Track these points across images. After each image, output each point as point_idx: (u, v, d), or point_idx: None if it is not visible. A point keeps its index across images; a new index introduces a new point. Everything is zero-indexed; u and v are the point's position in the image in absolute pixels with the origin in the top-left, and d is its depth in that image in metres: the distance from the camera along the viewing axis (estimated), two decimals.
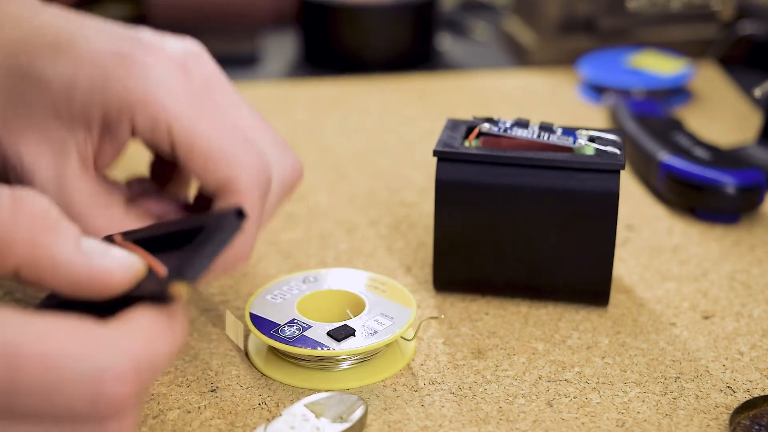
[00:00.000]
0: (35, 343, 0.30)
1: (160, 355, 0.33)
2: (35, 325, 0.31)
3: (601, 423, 0.43)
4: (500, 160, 0.49)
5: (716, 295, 0.53)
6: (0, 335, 0.30)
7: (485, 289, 0.52)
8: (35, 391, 0.30)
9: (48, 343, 0.30)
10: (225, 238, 0.37)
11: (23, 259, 0.33)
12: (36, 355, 0.30)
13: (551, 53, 0.87)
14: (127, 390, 0.31)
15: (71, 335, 0.31)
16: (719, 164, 0.60)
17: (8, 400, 0.30)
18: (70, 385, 0.31)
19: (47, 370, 0.30)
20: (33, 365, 0.30)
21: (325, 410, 0.41)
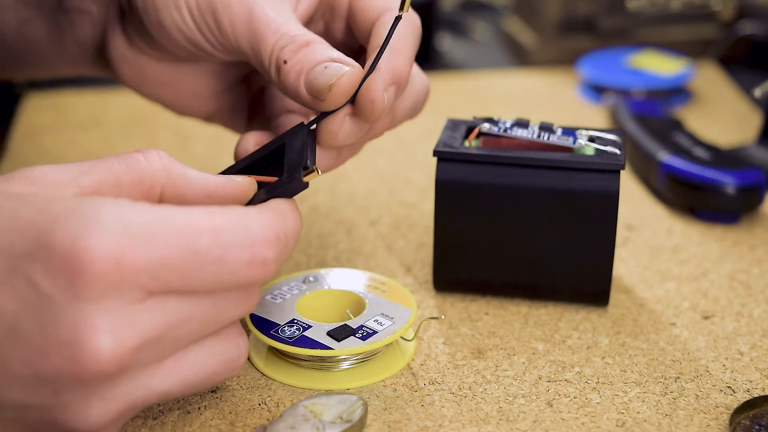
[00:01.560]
0: (205, 219, 0.36)
1: (291, 227, 0.39)
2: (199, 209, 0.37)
3: (601, 423, 0.43)
4: (500, 160, 0.49)
5: (716, 295, 0.53)
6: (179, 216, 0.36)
7: (485, 289, 0.52)
8: (210, 260, 0.36)
9: (214, 217, 0.36)
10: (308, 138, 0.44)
11: (165, 185, 0.40)
12: (208, 229, 0.36)
13: (551, 53, 0.87)
14: (272, 253, 0.37)
15: (228, 214, 0.37)
16: (719, 164, 0.60)
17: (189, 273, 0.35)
18: (234, 251, 0.36)
19: (217, 237, 0.36)
20: (206, 236, 0.36)
21: (325, 410, 0.41)
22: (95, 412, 0.35)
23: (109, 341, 0.34)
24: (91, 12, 0.51)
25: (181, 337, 0.37)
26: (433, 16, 0.90)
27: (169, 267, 0.35)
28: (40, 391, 0.34)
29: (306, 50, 0.44)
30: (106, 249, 0.34)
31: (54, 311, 0.33)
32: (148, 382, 0.36)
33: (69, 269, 0.33)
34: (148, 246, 0.34)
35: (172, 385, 0.37)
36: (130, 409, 0.36)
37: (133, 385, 0.36)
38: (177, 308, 0.36)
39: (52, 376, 0.34)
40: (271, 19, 0.45)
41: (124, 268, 0.34)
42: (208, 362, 0.38)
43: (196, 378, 0.38)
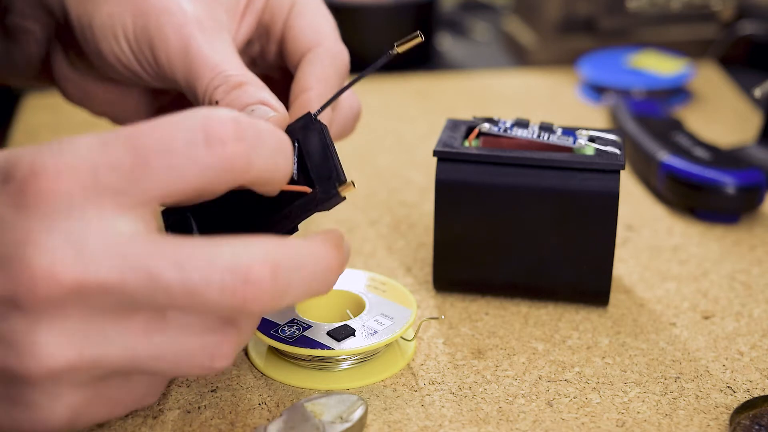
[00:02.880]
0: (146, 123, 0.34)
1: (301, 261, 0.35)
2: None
3: (601, 423, 0.43)
4: (500, 160, 0.49)
5: (716, 295, 0.53)
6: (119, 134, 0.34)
7: (485, 289, 0.52)
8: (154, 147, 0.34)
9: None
10: (328, 138, 0.41)
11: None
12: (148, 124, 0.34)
13: (551, 53, 0.87)
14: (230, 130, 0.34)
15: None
16: (719, 164, 0.60)
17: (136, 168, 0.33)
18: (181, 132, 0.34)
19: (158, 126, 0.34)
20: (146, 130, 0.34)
21: (325, 410, 0.41)
22: (44, 346, 0.33)
23: (45, 261, 0.32)
24: (33, 31, 0.51)
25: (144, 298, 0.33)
26: (433, 16, 0.90)
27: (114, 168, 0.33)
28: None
29: (238, 92, 0.44)
30: (48, 160, 0.33)
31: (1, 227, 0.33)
32: (109, 333, 0.34)
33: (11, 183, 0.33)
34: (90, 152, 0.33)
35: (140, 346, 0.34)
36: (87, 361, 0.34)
37: (89, 328, 0.33)
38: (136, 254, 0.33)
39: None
40: (207, 57, 0.45)
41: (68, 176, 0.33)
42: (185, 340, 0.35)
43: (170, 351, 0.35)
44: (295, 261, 0.35)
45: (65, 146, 0.34)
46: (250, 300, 0.34)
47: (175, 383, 0.45)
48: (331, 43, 0.48)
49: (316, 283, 0.37)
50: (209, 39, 0.46)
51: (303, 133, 0.42)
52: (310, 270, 0.36)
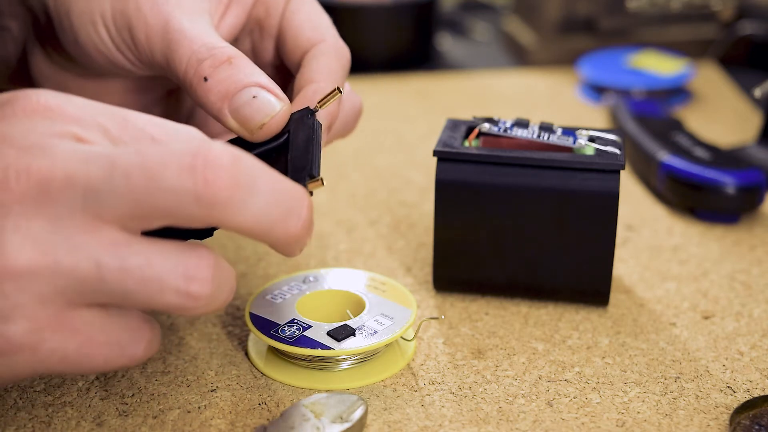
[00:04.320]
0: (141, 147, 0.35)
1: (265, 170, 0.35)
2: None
3: (601, 423, 0.43)
4: (500, 160, 0.49)
5: (716, 295, 0.53)
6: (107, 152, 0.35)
7: (485, 289, 0.52)
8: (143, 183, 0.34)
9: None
10: (316, 134, 0.41)
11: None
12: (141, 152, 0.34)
13: (551, 53, 0.87)
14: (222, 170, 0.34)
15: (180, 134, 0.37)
16: (719, 164, 0.60)
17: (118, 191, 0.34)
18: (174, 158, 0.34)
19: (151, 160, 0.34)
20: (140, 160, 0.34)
21: (325, 410, 0.41)
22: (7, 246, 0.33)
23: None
24: (10, 28, 0.50)
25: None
26: (433, 16, 0.90)
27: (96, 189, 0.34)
28: None
29: (229, 68, 0.42)
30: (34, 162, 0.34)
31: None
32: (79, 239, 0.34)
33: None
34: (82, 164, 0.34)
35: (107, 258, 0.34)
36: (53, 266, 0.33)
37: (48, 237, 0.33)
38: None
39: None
40: (186, 30, 0.43)
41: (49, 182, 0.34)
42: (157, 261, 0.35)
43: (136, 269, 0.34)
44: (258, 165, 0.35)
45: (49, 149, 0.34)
46: (210, 181, 0.33)
47: (174, 383, 0.45)
48: (333, 39, 0.48)
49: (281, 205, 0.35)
50: (189, 17, 0.44)
51: (296, 124, 0.42)
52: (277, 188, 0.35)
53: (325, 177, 0.66)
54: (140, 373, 0.46)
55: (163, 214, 0.34)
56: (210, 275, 0.35)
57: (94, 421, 0.43)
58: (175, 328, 0.49)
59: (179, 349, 0.48)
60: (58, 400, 0.44)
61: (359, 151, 0.71)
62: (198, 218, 0.34)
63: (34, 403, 0.44)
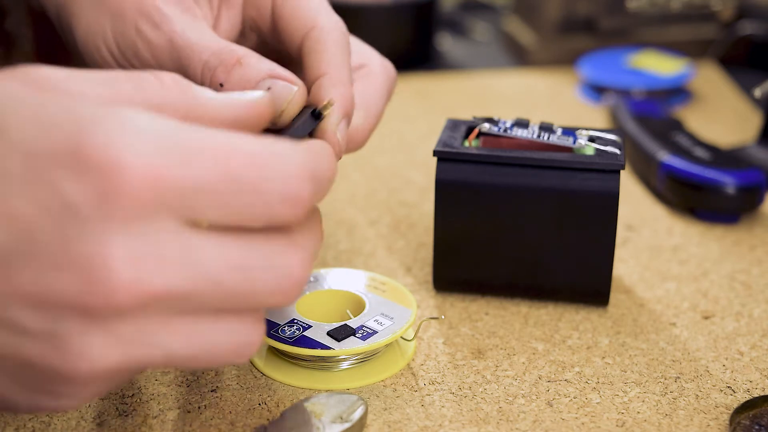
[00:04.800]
0: (246, 143, 0.33)
1: (326, 170, 0.36)
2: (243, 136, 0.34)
3: (601, 423, 0.43)
4: (500, 160, 0.49)
5: (716, 295, 0.53)
6: (212, 136, 0.33)
7: (485, 289, 0.52)
8: (246, 188, 0.33)
9: (252, 142, 0.33)
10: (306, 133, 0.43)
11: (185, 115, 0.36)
12: (246, 153, 0.33)
13: (551, 53, 0.87)
14: (306, 192, 0.34)
15: (265, 141, 0.34)
16: (719, 164, 0.60)
17: (225, 200, 0.33)
18: (270, 183, 0.33)
19: (254, 165, 0.33)
20: (244, 162, 0.33)
21: (325, 410, 0.41)
22: (94, 351, 0.32)
23: (130, 274, 0.31)
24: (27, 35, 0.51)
25: (204, 302, 0.33)
26: (433, 16, 0.90)
27: (206, 191, 0.32)
28: (42, 313, 0.31)
29: (240, 69, 0.43)
30: (144, 165, 0.31)
31: (77, 223, 0.31)
32: (156, 337, 0.33)
33: (102, 181, 0.30)
34: (185, 166, 0.32)
35: (179, 348, 0.34)
36: (131, 363, 0.33)
37: (140, 332, 0.33)
38: (207, 262, 0.33)
39: (59, 297, 0.31)
40: (191, 44, 0.44)
41: (160, 188, 0.31)
42: (220, 339, 0.35)
43: (204, 351, 0.34)
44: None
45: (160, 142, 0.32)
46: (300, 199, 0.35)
47: (174, 383, 0.45)
48: (325, 19, 0.47)
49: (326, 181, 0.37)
50: (190, 28, 0.45)
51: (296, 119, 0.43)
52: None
53: None
54: (140, 373, 0.46)
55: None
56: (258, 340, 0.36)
57: (94, 421, 0.43)
58: None
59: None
60: None
61: (359, 151, 0.71)
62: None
63: None
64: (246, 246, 0.34)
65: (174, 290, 0.32)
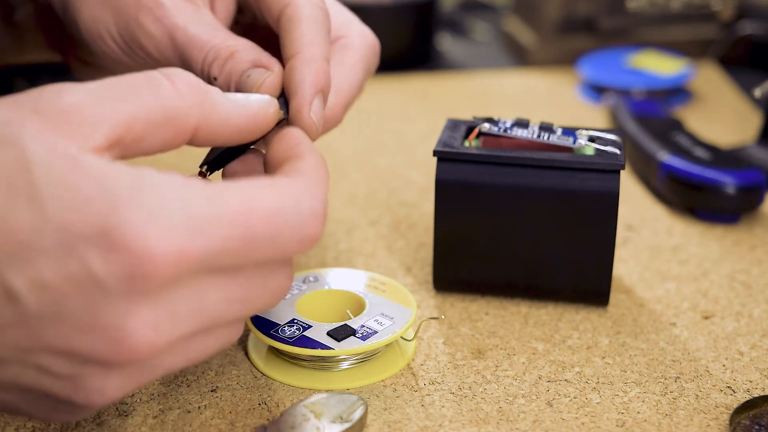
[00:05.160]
0: (259, 202, 0.35)
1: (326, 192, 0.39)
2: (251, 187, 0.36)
3: (601, 423, 0.43)
4: (500, 160, 0.49)
5: (716, 295, 0.53)
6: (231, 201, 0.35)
7: (485, 289, 0.52)
8: (264, 243, 0.35)
9: (268, 199, 0.36)
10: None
11: (198, 124, 0.38)
12: (263, 213, 0.35)
13: (551, 53, 0.87)
14: (320, 227, 0.37)
15: (280, 191, 0.36)
16: (719, 164, 0.60)
17: (242, 257, 0.35)
18: (287, 232, 0.36)
19: (272, 223, 0.35)
20: (263, 221, 0.35)
21: (325, 410, 0.41)
22: (113, 389, 0.35)
23: (151, 333, 0.34)
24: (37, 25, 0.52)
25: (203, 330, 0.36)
26: (433, 16, 0.90)
27: (225, 254, 0.35)
28: (68, 361, 0.34)
29: (231, 63, 0.45)
30: (170, 247, 0.33)
31: (103, 297, 0.33)
32: (161, 362, 0.36)
33: (130, 264, 0.33)
34: (207, 237, 0.34)
35: (179, 363, 0.37)
36: (138, 388, 0.36)
37: (150, 369, 0.36)
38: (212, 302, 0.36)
39: (85, 353, 0.34)
40: (194, 39, 0.45)
41: (184, 264, 0.33)
42: (212, 343, 0.37)
43: (199, 357, 0.37)
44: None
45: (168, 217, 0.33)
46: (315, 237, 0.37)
47: (174, 383, 0.45)
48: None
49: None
50: (192, 21, 0.46)
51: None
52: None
53: None
54: None
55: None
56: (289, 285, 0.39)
57: (94, 421, 0.43)
58: None
59: None
60: None
61: (359, 151, 0.71)
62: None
63: None
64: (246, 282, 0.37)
65: (184, 334, 0.35)
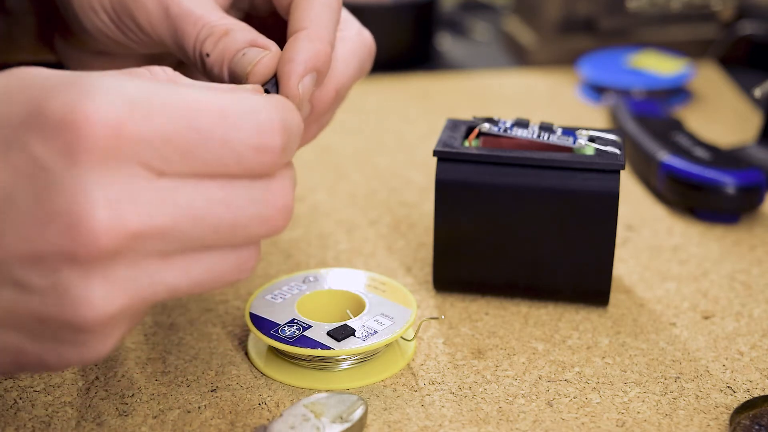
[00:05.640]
0: (210, 98, 0.35)
1: (296, 122, 0.37)
2: (208, 89, 0.36)
3: (601, 423, 0.43)
4: (500, 160, 0.49)
5: (716, 295, 0.53)
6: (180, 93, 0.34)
7: (485, 289, 0.52)
8: (214, 140, 0.34)
9: (220, 97, 0.35)
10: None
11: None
12: (213, 108, 0.35)
13: (551, 53, 0.87)
14: (279, 141, 0.36)
15: (235, 95, 0.36)
16: (719, 164, 0.60)
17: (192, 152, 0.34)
18: (240, 133, 0.35)
19: (222, 118, 0.35)
20: (211, 116, 0.34)
21: (325, 410, 0.41)
22: (98, 296, 0.33)
23: (107, 215, 0.32)
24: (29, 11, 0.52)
25: (191, 238, 0.35)
26: (433, 16, 0.90)
27: (171, 143, 0.34)
28: (39, 268, 0.33)
29: (226, 39, 0.44)
30: (104, 115, 0.32)
31: (50, 180, 0.32)
32: (155, 274, 0.35)
33: (65, 134, 0.32)
34: (148, 118, 0.33)
35: (180, 281, 0.35)
36: (137, 302, 0.35)
37: (137, 272, 0.34)
38: (185, 200, 0.34)
39: (49, 251, 0.33)
40: (187, 14, 0.45)
41: (123, 137, 0.33)
42: (218, 265, 0.36)
43: (205, 278, 0.36)
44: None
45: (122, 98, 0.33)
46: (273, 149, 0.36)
47: (174, 383, 0.45)
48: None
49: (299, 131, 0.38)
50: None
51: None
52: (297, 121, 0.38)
53: (325, 177, 0.66)
54: (140, 373, 0.46)
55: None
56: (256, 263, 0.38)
57: (94, 421, 0.43)
58: (175, 328, 0.49)
59: (179, 349, 0.48)
60: (58, 400, 0.44)
61: (359, 151, 0.71)
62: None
63: (34, 403, 0.44)
64: (225, 185, 0.35)
65: (154, 227, 0.34)
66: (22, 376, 0.45)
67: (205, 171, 0.35)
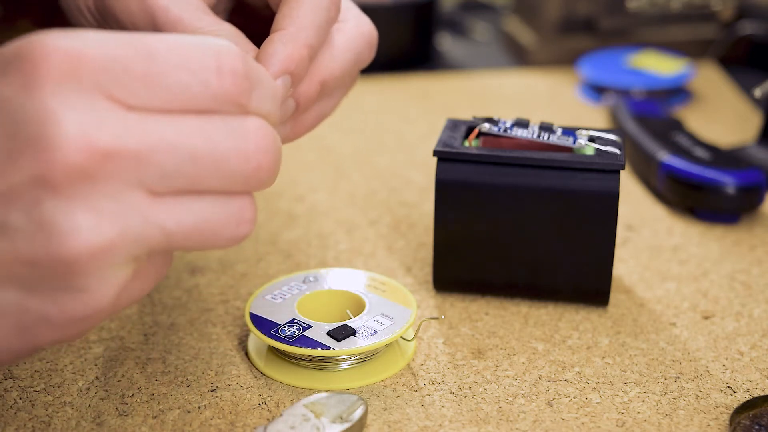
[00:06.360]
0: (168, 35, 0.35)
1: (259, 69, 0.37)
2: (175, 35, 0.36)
3: (601, 423, 0.43)
4: (500, 160, 0.49)
5: (716, 295, 0.53)
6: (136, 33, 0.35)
7: (485, 289, 0.52)
8: (172, 65, 0.34)
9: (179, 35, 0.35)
10: None
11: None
12: (170, 39, 0.35)
13: (551, 53, 0.87)
14: (240, 66, 0.35)
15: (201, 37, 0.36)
16: (719, 164, 0.60)
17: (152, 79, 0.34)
18: (198, 58, 0.35)
19: (180, 46, 0.35)
20: (167, 44, 0.34)
21: (325, 410, 0.41)
22: (84, 226, 0.33)
23: (75, 131, 0.32)
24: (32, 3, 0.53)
25: (171, 171, 0.34)
26: (433, 16, 0.90)
27: (130, 72, 0.33)
28: (18, 204, 0.33)
29: None
30: (60, 43, 0.33)
31: (15, 111, 0.32)
32: (145, 211, 0.34)
33: (23, 66, 0.32)
34: (104, 46, 0.33)
35: (173, 225, 0.34)
36: (129, 240, 0.34)
37: (124, 206, 0.33)
38: (156, 129, 0.34)
39: (22, 180, 0.32)
40: (175, 21, 0.44)
41: (81, 63, 0.33)
42: (211, 213, 0.35)
43: (201, 227, 0.35)
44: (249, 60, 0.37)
45: (76, 34, 0.33)
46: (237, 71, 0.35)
47: (174, 383, 0.45)
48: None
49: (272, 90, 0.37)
50: (172, 1, 0.45)
51: None
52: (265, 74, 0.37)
53: (325, 177, 0.66)
54: (140, 373, 0.46)
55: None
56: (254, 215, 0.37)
57: (94, 421, 0.43)
58: (175, 328, 0.49)
59: (179, 349, 0.48)
60: (58, 400, 0.44)
61: (359, 151, 0.71)
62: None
63: (34, 403, 0.44)
64: (199, 117, 0.35)
65: (125, 149, 0.33)
66: (22, 376, 0.45)
67: (174, 105, 0.34)
